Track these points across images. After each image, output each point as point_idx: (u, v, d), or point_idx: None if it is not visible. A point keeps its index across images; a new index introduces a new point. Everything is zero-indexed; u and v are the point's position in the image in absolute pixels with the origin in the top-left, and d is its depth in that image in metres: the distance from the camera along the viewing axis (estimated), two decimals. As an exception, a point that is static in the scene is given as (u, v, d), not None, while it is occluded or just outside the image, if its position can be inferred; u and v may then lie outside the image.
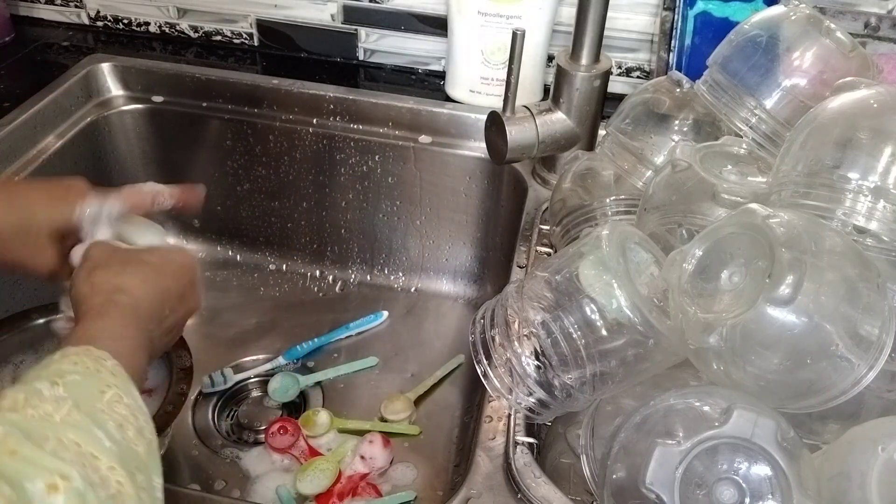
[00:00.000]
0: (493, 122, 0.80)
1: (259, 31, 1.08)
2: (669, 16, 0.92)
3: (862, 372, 0.46)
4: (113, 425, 0.41)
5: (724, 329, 0.47)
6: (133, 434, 0.42)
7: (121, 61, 1.01)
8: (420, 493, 0.78)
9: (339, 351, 0.95)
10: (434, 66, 1.06)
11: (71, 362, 0.44)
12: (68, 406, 0.40)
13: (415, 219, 1.01)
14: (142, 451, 0.42)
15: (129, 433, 0.42)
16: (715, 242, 0.51)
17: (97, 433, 0.40)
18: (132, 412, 0.43)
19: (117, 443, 0.40)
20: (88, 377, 0.43)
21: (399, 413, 0.85)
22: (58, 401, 0.40)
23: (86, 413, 0.41)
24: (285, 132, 0.99)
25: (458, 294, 1.04)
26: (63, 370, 0.43)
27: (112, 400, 0.43)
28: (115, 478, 0.38)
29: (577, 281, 0.56)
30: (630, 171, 0.70)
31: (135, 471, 0.40)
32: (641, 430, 0.51)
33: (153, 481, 0.42)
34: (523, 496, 0.56)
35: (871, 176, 0.51)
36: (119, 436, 0.41)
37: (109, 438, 0.40)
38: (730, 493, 0.47)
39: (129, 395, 0.44)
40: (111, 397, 0.43)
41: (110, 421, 0.41)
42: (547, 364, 0.56)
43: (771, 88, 0.64)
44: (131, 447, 0.41)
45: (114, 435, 0.41)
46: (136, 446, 0.42)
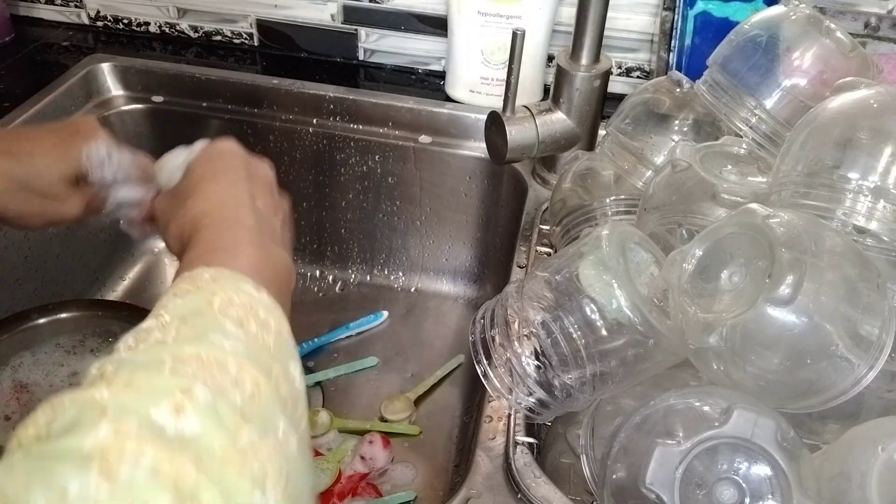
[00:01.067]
0: (493, 122, 0.80)
1: (259, 31, 1.08)
2: (669, 16, 0.92)
3: (862, 372, 0.46)
4: (231, 325, 0.38)
5: (724, 329, 0.47)
6: (256, 327, 0.39)
7: (121, 61, 1.01)
8: (420, 493, 0.78)
9: (338, 351, 0.95)
10: (434, 66, 1.06)
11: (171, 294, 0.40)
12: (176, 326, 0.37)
13: (415, 219, 1.01)
14: (271, 341, 0.39)
15: (251, 327, 0.38)
16: (715, 242, 0.51)
17: (215, 338, 0.36)
18: (247, 309, 0.39)
19: (240, 340, 0.37)
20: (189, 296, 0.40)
21: (399, 413, 0.85)
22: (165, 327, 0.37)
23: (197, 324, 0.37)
24: (285, 132, 0.99)
25: (458, 294, 1.04)
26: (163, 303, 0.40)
27: (223, 304, 0.39)
28: (249, 376, 0.35)
29: (577, 281, 0.56)
30: (630, 171, 0.70)
31: (270, 363, 0.37)
32: (641, 430, 0.51)
33: (290, 370, 0.39)
34: (523, 496, 0.56)
35: (871, 176, 0.51)
36: (241, 333, 0.38)
37: (230, 338, 0.37)
38: (730, 493, 0.47)
39: (241, 292, 0.40)
40: (220, 303, 0.39)
41: (227, 322, 0.38)
42: (547, 364, 0.56)
43: (771, 88, 0.64)
44: (258, 340, 0.38)
45: (235, 333, 0.37)
46: (264, 338, 0.39)
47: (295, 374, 0.39)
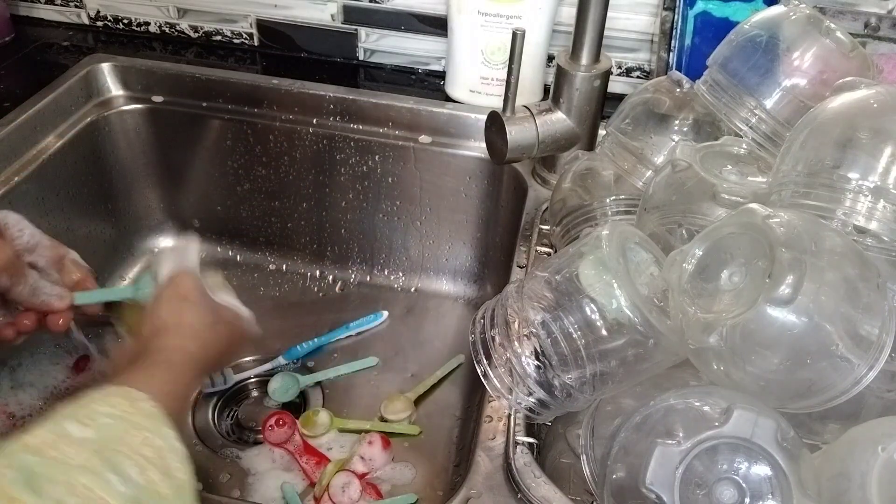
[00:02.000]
0: (493, 122, 0.80)
1: (259, 31, 1.08)
2: (669, 16, 0.92)
3: (862, 372, 0.46)
4: (136, 470, 0.42)
5: (724, 329, 0.47)
6: (157, 476, 0.43)
7: (121, 61, 1.01)
8: (420, 494, 0.78)
9: (339, 351, 0.95)
10: (434, 66, 1.06)
11: (108, 404, 0.45)
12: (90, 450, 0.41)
13: (415, 219, 1.01)
14: (167, 492, 0.43)
15: (152, 475, 0.43)
16: (715, 242, 0.51)
17: (111, 477, 0.41)
18: (160, 455, 0.44)
19: (135, 486, 0.41)
20: (120, 420, 0.45)
21: (399, 413, 0.85)
22: (82, 444, 0.42)
23: (106, 457, 0.42)
24: (285, 132, 0.99)
25: (458, 294, 1.04)
26: (97, 412, 0.44)
27: (140, 443, 0.44)
28: None
29: (577, 281, 0.56)
30: (630, 171, 0.70)
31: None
32: (641, 430, 0.51)
33: None
34: (523, 496, 0.56)
35: (871, 176, 0.51)
36: (140, 479, 0.42)
37: (126, 482, 0.41)
38: (730, 493, 0.47)
39: (162, 437, 0.45)
40: (140, 440, 0.44)
41: (132, 465, 0.42)
42: (547, 364, 0.56)
43: (771, 88, 0.64)
44: (153, 489, 0.42)
45: (133, 478, 0.42)
46: (160, 487, 0.43)
47: None
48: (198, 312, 0.59)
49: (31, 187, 0.88)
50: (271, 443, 0.81)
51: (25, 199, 0.87)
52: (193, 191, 1.05)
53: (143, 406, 0.46)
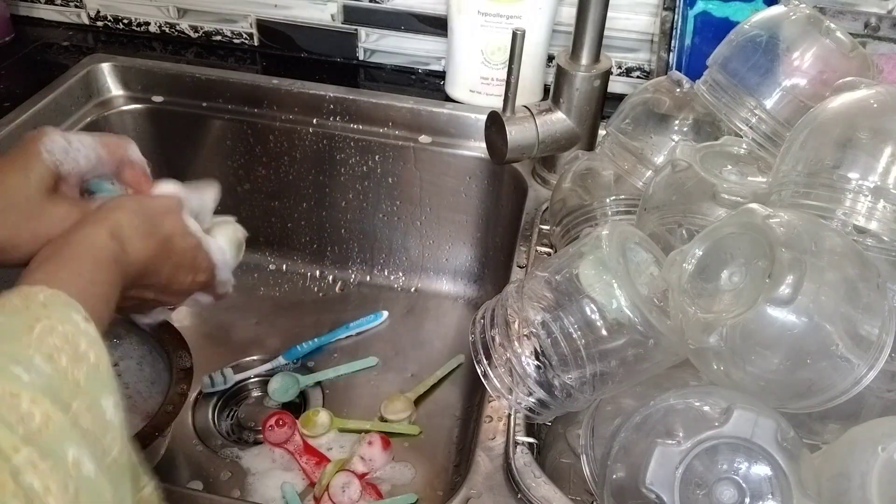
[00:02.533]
0: (493, 122, 0.80)
1: (259, 31, 1.08)
2: (669, 16, 0.92)
3: (862, 372, 0.46)
4: (40, 358, 0.39)
5: (724, 329, 0.47)
6: (68, 362, 0.40)
7: (121, 61, 1.01)
8: (420, 494, 0.78)
9: (339, 351, 0.95)
10: (434, 66, 1.06)
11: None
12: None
13: (415, 219, 1.01)
14: (80, 376, 0.40)
15: (61, 362, 0.40)
16: (715, 242, 0.51)
17: (14, 370, 0.38)
18: (68, 340, 0.41)
19: (44, 375, 0.39)
20: (13, 316, 0.41)
21: (399, 413, 0.85)
22: None
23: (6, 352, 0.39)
24: (285, 132, 0.99)
25: (458, 294, 1.04)
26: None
27: (42, 332, 0.40)
28: (38, 410, 0.37)
29: (577, 281, 0.56)
30: (630, 171, 0.70)
31: (70, 398, 0.39)
32: (641, 430, 0.51)
33: (100, 403, 0.41)
34: (523, 496, 0.56)
35: (871, 176, 0.51)
36: (48, 367, 0.39)
37: (33, 371, 0.38)
38: (730, 493, 0.47)
39: (67, 321, 0.42)
40: (41, 330, 0.40)
41: (36, 354, 0.39)
42: (547, 364, 0.56)
43: (771, 88, 0.64)
44: (65, 375, 0.40)
45: (40, 367, 0.39)
46: (74, 373, 0.40)
47: (105, 407, 0.41)
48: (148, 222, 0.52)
49: (31, 187, 0.88)
50: (271, 443, 0.81)
51: (25, 199, 0.87)
52: (193, 191, 1.05)
53: (39, 297, 0.42)
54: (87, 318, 0.43)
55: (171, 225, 0.56)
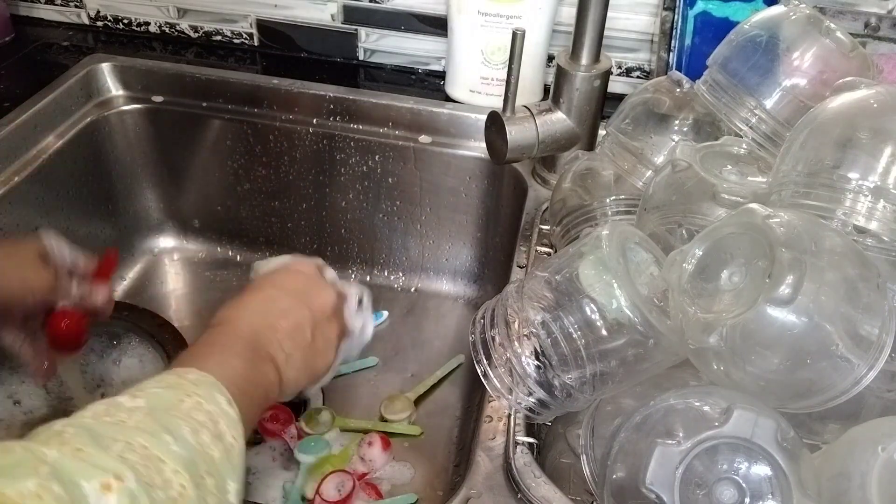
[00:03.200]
0: (493, 122, 0.80)
1: (259, 31, 1.08)
2: (669, 16, 0.92)
3: (862, 372, 0.46)
4: (188, 430, 0.42)
5: (724, 329, 0.47)
6: (209, 439, 0.43)
7: (121, 61, 1.01)
8: (420, 494, 0.78)
9: (339, 351, 0.95)
10: (434, 66, 1.06)
11: (155, 380, 0.46)
12: (142, 413, 0.42)
13: (415, 219, 1.01)
14: (217, 455, 0.43)
15: (203, 438, 0.43)
16: (715, 242, 0.51)
17: (166, 437, 0.41)
18: (211, 418, 0.44)
19: (188, 447, 0.41)
20: (169, 388, 0.45)
21: (399, 413, 0.85)
22: (133, 410, 0.42)
23: (159, 419, 0.42)
24: (285, 132, 0.99)
25: (458, 294, 1.04)
26: (146, 385, 0.45)
27: (191, 407, 0.44)
28: (178, 480, 0.39)
29: (577, 281, 0.56)
30: (630, 171, 0.70)
31: (204, 475, 0.41)
32: (641, 430, 0.51)
33: (227, 485, 0.43)
34: (523, 496, 0.56)
35: (871, 176, 0.51)
36: (193, 440, 0.42)
37: (180, 443, 0.41)
38: (730, 493, 0.47)
39: (212, 402, 0.45)
40: (190, 405, 0.44)
41: (185, 426, 0.42)
42: (547, 364, 0.56)
43: (771, 88, 0.64)
44: (205, 451, 0.42)
45: (186, 439, 0.42)
46: (211, 451, 0.43)
47: (230, 490, 0.44)
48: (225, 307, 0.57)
49: (31, 187, 0.88)
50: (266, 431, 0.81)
51: (25, 199, 0.87)
52: (193, 191, 1.05)
53: (190, 376, 0.46)
54: (230, 401, 0.46)
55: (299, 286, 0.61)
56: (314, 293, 0.60)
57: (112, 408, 0.42)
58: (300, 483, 0.77)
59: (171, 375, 0.47)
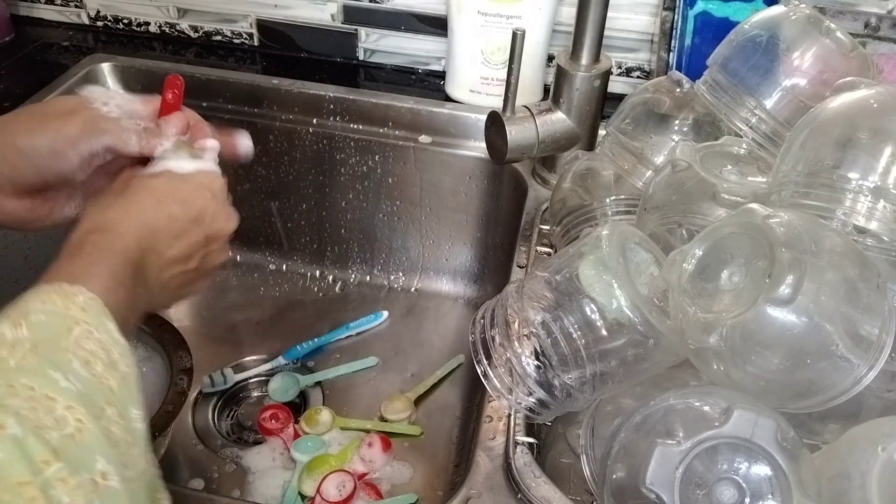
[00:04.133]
0: (493, 122, 0.80)
1: (259, 31, 1.08)
2: (669, 16, 0.92)
3: (862, 372, 0.46)
4: (78, 363, 0.40)
5: (724, 329, 0.47)
6: (102, 369, 0.41)
7: (121, 61, 1.01)
8: (420, 494, 0.78)
9: (339, 351, 0.95)
10: (434, 66, 1.06)
11: (40, 300, 0.42)
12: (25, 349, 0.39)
13: (415, 219, 1.01)
14: (114, 384, 0.41)
15: (97, 368, 0.41)
16: (715, 242, 0.51)
17: (53, 374, 0.38)
18: (103, 346, 0.42)
19: (81, 380, 0.39)
20: (54, 316, 0.42)
21: (399, 413, 0.85)
22: (16, 344, 0.39)
23: (45, 354, 0.39)
24: (285, 132, 0.99)
25: (458, 294, 1.04)
26: (29, 309, 0.42)
27: (79, 336, 0.41)
28: (73, 416, 0.37)
29: (577, 281, 0.56)
30: (630, 171, 0.70)
31: (104, 405, 0.39)
32: (641, 430, 0.51)
33: (130, 412, 0.41)
34: (523, 496, 0.56)
35: (871, 176, 0.51)
36: (85, 373, 0.40)
37: (71, 377, 0.39)
38: (730, 493, 0.47)
39: (103, 329, 0.43)
40: (79, 334, 0.41)
41: (74, 359, 0.40)
42: (547, 364, 0.56)
43: (771, 88, 0.64)
44: (100, 382, 0.40)
45: (78, 372, 0.39)
46: (107, 381, 0.41)
47: (133, 417, 0.41)
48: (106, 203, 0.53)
49: (31, 187, 0.88)
50: (265, 430, 0.81)
51: (25, 199, 0.87)
52: (193, 191, 1.05)
53: (78, 299, 0.43)
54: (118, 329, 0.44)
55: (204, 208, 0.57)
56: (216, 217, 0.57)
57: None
58: (296, 482, 0.77)
59: (57, 296, 0.43)
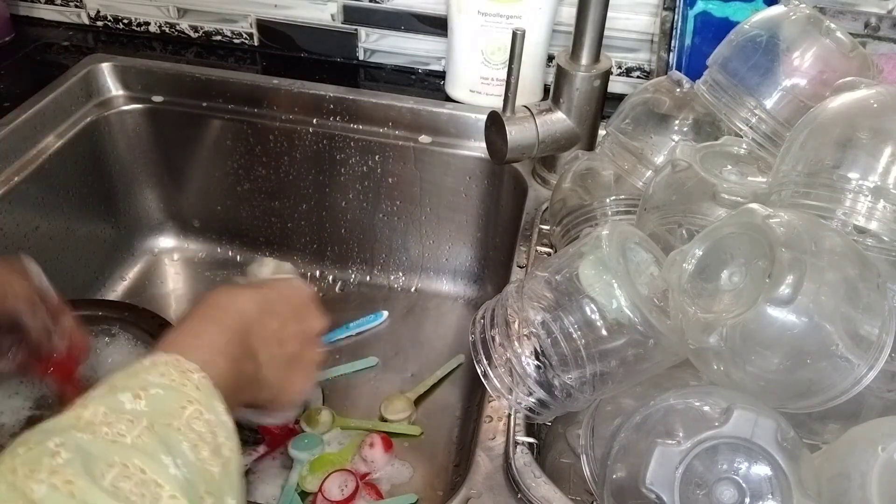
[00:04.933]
0: (493, 122, 0.80)
1: (259, 31, 1.08)
2: (669, 16, 0.92)
3: (862, 372, 0.46)
4: (187, 445, 0.41)
5: (724, 329, 0.47)
6: (208, 454, 0.42)
7: (121, 61, 1.01)
8: (420, 494, 0.78)
9: (339, 351, 0.95)
10: (434, 66, 1.06)
11: (158, 373, 0.44)
12: (142, 426, 0.40)
13: (415, 219, 1.01)
14: (216, 471, 0.42)
15: (203, 453, 0.42)
16: (715, 242, 0.51)
17: (165, 459, 0.39)
18: (211, 429, 0.43)
19: (188, 465, 0.40)
20: (171, 391, 0.43)
21: (399, 413, 0.85)
22: (135, 418, 0.40)
23: (159, 433, 0.40)
24: (285, 132, 0.99)
25: (458, 294, 1.04)
26: (148, 382, 0.43)
27: (191, 416, 0.42)
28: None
29: (577, 281, 0.56)
30: (630, 171, 0.70)
31: (204, 495, 0.40)
32: (641, 430, 0.51)
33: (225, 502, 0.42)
34: (523, 496, 0.56)
35: (871, 176, 0.51)
36: (192, 456, 0.41)
37: (180, 461, 0.40)
38: (730, 493, 0.47)
39: (211, 410, 0.44)
40: (191, 413, 0.43)
41: (184, 441, 0.41)
42: (547, 364, 0.56)
43: (771, 88, 0.64)
44: (204, 468, 0.41)
45: (186, 456, 0.40)
46: (211, 467, 0.42)
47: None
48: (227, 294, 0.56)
49: (31, 187, 0.88)
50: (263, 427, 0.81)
51: (25, 199, 0.87)
52: (193, 191, 1.05)
53: (193, 377, 0.45)
54: (226, 410, 0.45)
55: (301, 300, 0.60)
56: (307, 313, 0.59)
57: (112, 413, 0.40)
58: (295, 479, 0.77)
59: (175, 370, 0.44)
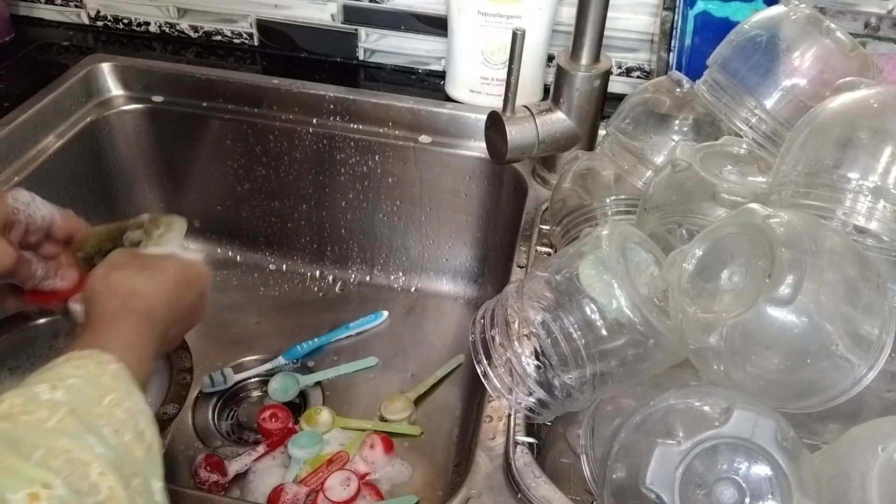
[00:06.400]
0: (493, 122, 0.80)
1: (259, 31, 1.08)
2: (669, 16, 0.92)
3: (862, 372, 0.46)
4: (109, 430, 0.41)
5: (724, 329, 0.47)
6: (130, 438, 0.42)
7: (121, 61, 1.01)
8: (420, 494, 0.78)
9: (339, 351, 0.95)
10: (434, 66, 1.06)
11: (73, 366, 0.44)
12: (63, 411, 0.40)
13: (415, 219, 1.01)
14: (140, 455, 0.42)
15: (126, 437, 0.42)
16: (715, 242, 0.51)
17: (89, 439, 0.40)
18: (132, 416, 0.43)
19: (112, 447, 0.41)
20: (89, 381, 0.44)
21: (399, 413, 0.85)
22: (54, 406, 0.41)
23: (81, 418, 0.41)
24: (285, 132, 0.99)
25: (458, 294, 1.04)
26: (65, 374, 0.43)
27: (111, 404, 0.43)
28: (105, 483, 0.38)
29: (577, 281, 0.56)
30: (630, 171, 0.70)
31: (130, 476, 0.41)
32: (641, 430, 0.51)
33: (151, 485, 0.42)
34: (523, 496, 0.56)
35: (871, 176, 0.51)
36: (115, 440, 0.41)
37: (103, 443, 0.40)
38: (730, 493, 0.47)
39: (131, 398, 0.44)
40: (110, 401, 0.43)
41: (107, 426, 0.41)
42: (547, 364, 0.56)
43: (771, 88, 0.64)
44: (128, 451, 0.42)
45: (109, 440, 0.41)
46: (134, 450, 0.42)
47: (155, 489, 0.43)
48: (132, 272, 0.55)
49: (31, 187, 0.87)
50: (265, 429, 0.81)
51: (25, 199, 0.87)
52: (193, 191, 1.05)
53: (109, 367, 0.45)
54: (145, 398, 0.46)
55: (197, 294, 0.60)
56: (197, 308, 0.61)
57: (30, 402, 0.40)
58: (292, 478, 0.77)
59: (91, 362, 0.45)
